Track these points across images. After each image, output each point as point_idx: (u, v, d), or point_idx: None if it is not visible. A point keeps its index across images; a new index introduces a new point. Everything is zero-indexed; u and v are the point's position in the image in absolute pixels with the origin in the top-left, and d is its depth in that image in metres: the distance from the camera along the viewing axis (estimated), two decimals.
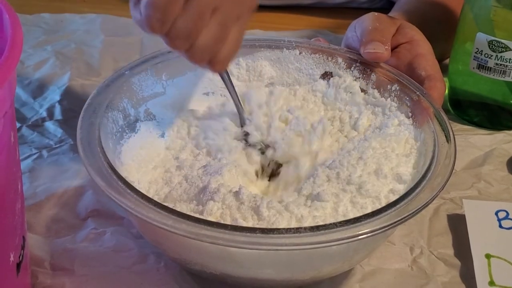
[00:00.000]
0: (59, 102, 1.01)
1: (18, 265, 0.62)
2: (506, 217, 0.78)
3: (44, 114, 0.98)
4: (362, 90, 0.84)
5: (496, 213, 0.79)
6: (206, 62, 0.71)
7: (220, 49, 0.70)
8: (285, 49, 0.88)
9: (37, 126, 0.96)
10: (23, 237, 0.63)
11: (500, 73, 0.94)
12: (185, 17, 0.65)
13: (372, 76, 0.84)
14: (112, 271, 0.73)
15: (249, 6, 0.72)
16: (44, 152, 0.90)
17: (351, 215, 0.67)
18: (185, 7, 0.64)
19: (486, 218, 0.78)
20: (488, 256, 0.73)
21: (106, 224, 0.78)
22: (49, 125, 0.96)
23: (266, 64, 0.88)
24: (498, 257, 0.73)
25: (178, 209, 0.63)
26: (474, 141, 0.96)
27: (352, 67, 0.86)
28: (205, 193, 0.69)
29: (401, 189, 0.70)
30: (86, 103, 0.74)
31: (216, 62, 0.71)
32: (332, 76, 0.86)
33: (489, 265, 0.72)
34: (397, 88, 0.81)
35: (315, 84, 0.86)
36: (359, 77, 0.85)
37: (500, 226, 0.78)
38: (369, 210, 0.67)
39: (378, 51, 0.85)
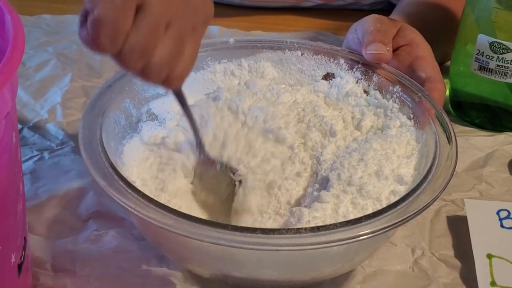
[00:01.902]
0: (60, 103, 1.01)
1: (20, 266, 0.62)
2: (508, 217, 0.79)
3: (46, 115, 0.98)
4: (364, 91, 0.84)
5: (498, 213, 0.79)
6: (162, 81, 0.66)
7: (177, 65, 0.65)
8: (287, 50, 0.88)
9: (39, 127, 0.96)
10: (25, 238, 0.64)
11: (501, 74, 0.94)
12: (138, 33, 0.59)
13: (374, 78, 0.84)
14: (114, 272, 0.73)
15: (204, 18, 0.67)
16: (46, 154, 0.90)
17: (352, 216, 0.67)
18: (137, 22, 0.59)
19: (487, 218, 0.79)
20: (489, 256, 0.73)
21: (107, 225, 0.78)
22: (50, 126, 0.96)
23: (268, 65, 0.88)
24: (499, 257, 0.73)
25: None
26: (475, 142, 0.96)
27: (354, 69, 0.86)
28: None
29: (402, 190, 0.70)
30: (88, 103, 0.74)
31: (172, 79, 0.65)
32: (334, 77, 0.86)
33: (490, 265, 0.72)
34: (399, 89, 0.81)
35: (317, 84, 0.86)
36: (361, 78, 0.85)
37: (502, 225, 0.78)
38: (370, 211, 0.67)
39: (380, 52, 0.85)
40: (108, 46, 0.58)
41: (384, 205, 0.67)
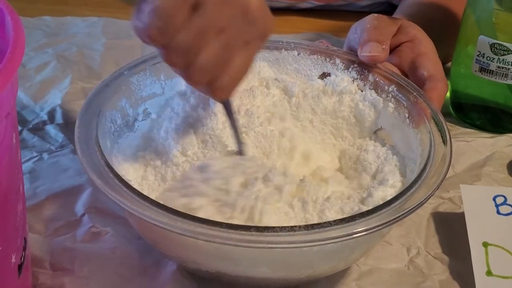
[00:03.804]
0: (60, 105, 1.01)
1: (20, 267, 0.62)
2: (504, 203, 0.77)
3: (45, 117, 0.98)
4: (360, 90, 0.84)
5: (494, 199, 0.78)
6: (206, 87, 0.68)
7: (222, 74, 0.67)
8: (283, 50, 0.88)
9: (38, 129, 0.96)
10: (25, 239, 0.64)
11: (502, 76, 0.94)
12: (186, 32, 0.62)
13: (369, 77, 0.84)
14: (112, 273, 0.73)
15: (261, 33, 0.68)
16: (45, 155, 0.90)
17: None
18: (189, 21, 0.62)
19: (483, 204, 0.77)
20: (485, 245, 0.72)
21: (105, 222, 0.79)
22: (50, 128, 0.96)
23: (265, 65, 0.88)
24: (495, 245, 0.72)
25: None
26: (475, 144, 0.96)
27: (350, 68, 0.86)
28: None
29: (390, 193, 0.71)
30: (85, 102, 0.74)
31: (217, 88, 0.68)
32: (330, 77, 0.86)
33: (486, 253, 0.72)
34: (394, 89, 0.81)
35: (312, 83, 0.86)
36: (356, 78, 0.85)
37: (498, 212, 0.76)
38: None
39: (374, 54, 0.84)
40: (158, 37, 0.63)
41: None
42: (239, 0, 0.64)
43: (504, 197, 0.78)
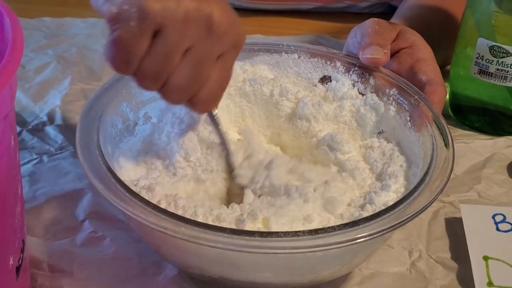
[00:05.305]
0: (60, 106, 1.01)
1: (18, 269, 0.62)
2: (503, 221, 0.78)
3: (45, 118, 0.98)
4: (361, 94, 0.84)
5: (493, 217, 0.79)
6: (185, 103, 0.68)
7: (199, 89, 0.67)
8: (283, 53, 0.88)
9: (38, 130, 0.95)
10: (23, 241, 0.64)
11: (501, 78, 0.94)
12: (152, 57, 0.62)
13: (370, 80, 0.84)
14: (111, 278, 0.73)
15: (233, 43, 0.67)
16: (45, 157, 0.90)
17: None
18: (152, 47, 0.62)
19: (483, 222, 0.78)
20: (486, 258, 0.73)
21: (105, 227, 0.78)
22: (50, 129, 0.96)
23: (265, 68, 0.88)
24: (496, 259, 0.73)
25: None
26: (474, 146, 0.96)
27: (351, 71, 0.85)
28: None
29: (392, 198, 0.71)
30: (85, 106, 0.74)
31: (196, 103, 0.68)
32: (330, 81, 0.86)
33: (487, 266, 0.72)
34: (396, 92, 0.81)
35: (314, 88, 0.86)
36: (357, 81, 0.85)
37: (498, 229, 0.77)
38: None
39: (376, 56, 0.84)
40: (122, 68, 0.63)
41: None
42: (201, 18, 0.63)
43: (503, 215, 0.79)
